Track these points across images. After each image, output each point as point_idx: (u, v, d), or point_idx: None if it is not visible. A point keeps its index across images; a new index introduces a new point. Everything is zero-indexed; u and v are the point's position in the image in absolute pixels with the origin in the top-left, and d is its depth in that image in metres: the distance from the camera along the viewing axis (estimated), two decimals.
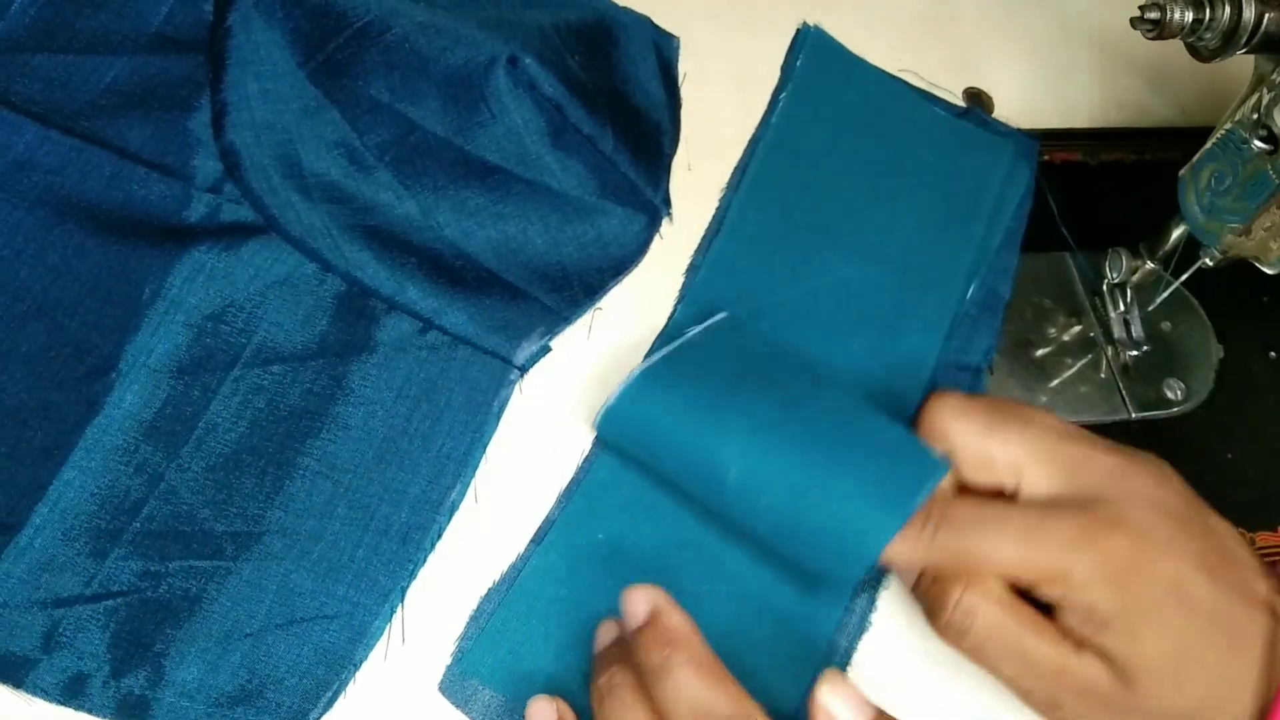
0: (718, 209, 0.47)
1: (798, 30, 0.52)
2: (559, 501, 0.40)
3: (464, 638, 0.37)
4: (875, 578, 0.40)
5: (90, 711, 0.35)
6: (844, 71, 0.51)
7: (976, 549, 0.34)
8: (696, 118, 0.49)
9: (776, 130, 0.49)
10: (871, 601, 0.40)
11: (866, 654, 0.39)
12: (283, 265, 0.41)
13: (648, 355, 0.42)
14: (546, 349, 0.42)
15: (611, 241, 0.44)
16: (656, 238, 0.45)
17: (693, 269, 0.45)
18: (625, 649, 0.34)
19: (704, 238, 0.46)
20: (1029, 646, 0.33)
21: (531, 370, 0.42)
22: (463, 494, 0.39)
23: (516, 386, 0.41)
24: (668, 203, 0.46)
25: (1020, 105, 0.52)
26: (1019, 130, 0.51)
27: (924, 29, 0.55)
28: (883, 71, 0.52)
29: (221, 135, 0.42)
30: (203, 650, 0.36)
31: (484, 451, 0.40)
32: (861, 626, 0.40)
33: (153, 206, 0.41)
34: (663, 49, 0.49)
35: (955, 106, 0.52)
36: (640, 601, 0.34)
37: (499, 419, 0.41)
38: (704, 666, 0.32)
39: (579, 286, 0.43)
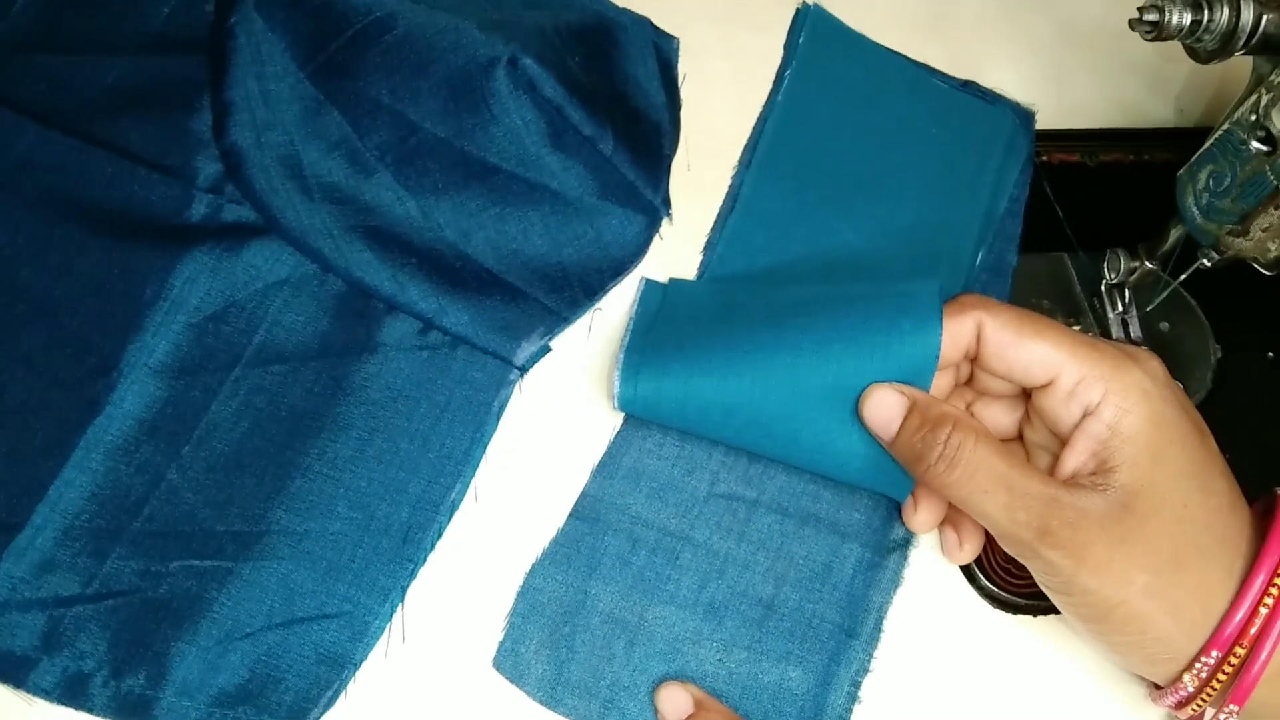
0: (730, 186, 0.47)
1: (798, 10, 0.52)
2: (594, 474, 0.41)
3: (513, 613, 0.38)
4: (906, 537, 0.41)
5: (91, 711, 0.35)
6: (845, 47, 0.52)
7: (1034, 351, 0.36)
8: (696, 119, 0.49)
9: (783, 107, 0.50)
10: (904, 558, 0.41)
11: (900, 609, 0.40)
12: (284, 266, 0.41)
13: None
14: (546, 349, 0.42)
15: (611, 242, 0.44)
16: (656, 238, 0.46)
17: (709, 246, 0.46)
18: None
19: (718, 215, 0.47)
20: (1018, 477, 0.34)
21: (532, 370, 0.42)
22: (463, 493, 0.39)
23: (516, 386, 0.41)
24: (667, 203, 0.46)
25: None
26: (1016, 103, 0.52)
27: (923, 29, 0.55)
28: (883, 47, 0.52)
29: (223, 136, 0.42)
30: (203, 650, 0.36)
31: (484, 451, 0.40)
32: (895, 581, 0.40)
33: (154, 207, 0.41)
34: (662, 50, 0.49)
35: (954, 79, 0.52)
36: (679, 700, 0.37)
37: (499, 419, 0.41)
38: None
39: (579, 287, 0.43)
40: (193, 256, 0.40)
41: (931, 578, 0.42)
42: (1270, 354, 0.50)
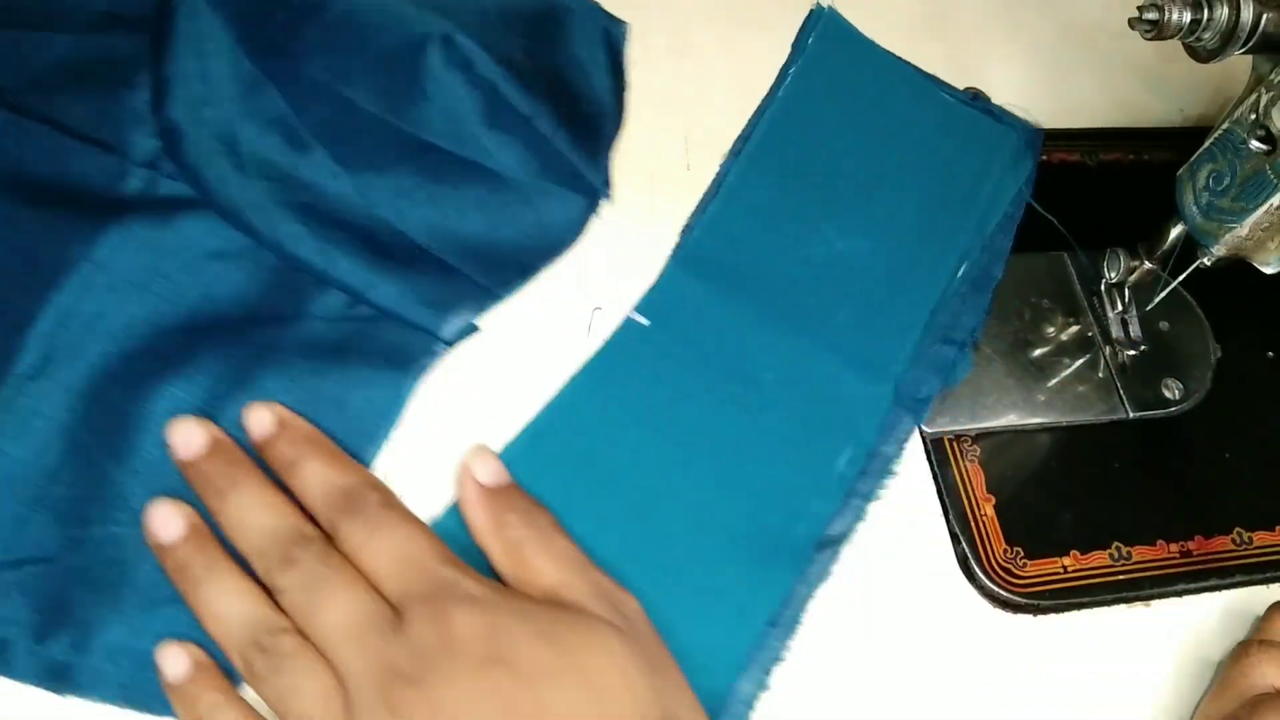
0: (717, 174, 0.47)
1: (811, 10, 0.52)
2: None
3: None
4: (842, 534, 0.41)
5: (12, 676, 0.34)
6: (855, 52, 0.52)
7: None
8: (696, 118, 0.49)
9: (782, 103, 0.50)
10: (834, 555, 0.40)
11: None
12: (216, 239, 0.40)
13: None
14: (474, 327, 0.42)
15: (550, 223, 0.44)
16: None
17: (687, 230, 0.46)
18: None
19: (700, 201, 0.47)
20: None
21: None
22: (375, 454, 0.39)
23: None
24: (608, 184, 0.46)
25: (1019, 105, 0.52)
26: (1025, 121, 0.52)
27: (924, 28, 0.55)
28: (893, 55, 0.52)
29: (161, 111, 0.42)
30: (125, 615, 0.35)
31: (400, 413, 0.40)
32: (822, 576, 0.40)
33: (89, 179, 0.40)
34: (612, 34, 0.49)
35: (963, 93, 0.52)
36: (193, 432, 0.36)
37: (417, 380, 0.40)
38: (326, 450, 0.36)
39: (513, 266, 0.43)
40: (123, 224, 0.39)
41: (932, 577, 0.42)
42: (1270, 354, 0.50)
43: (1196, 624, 0.43)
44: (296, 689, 0.31)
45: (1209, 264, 0.43)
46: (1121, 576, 0.43)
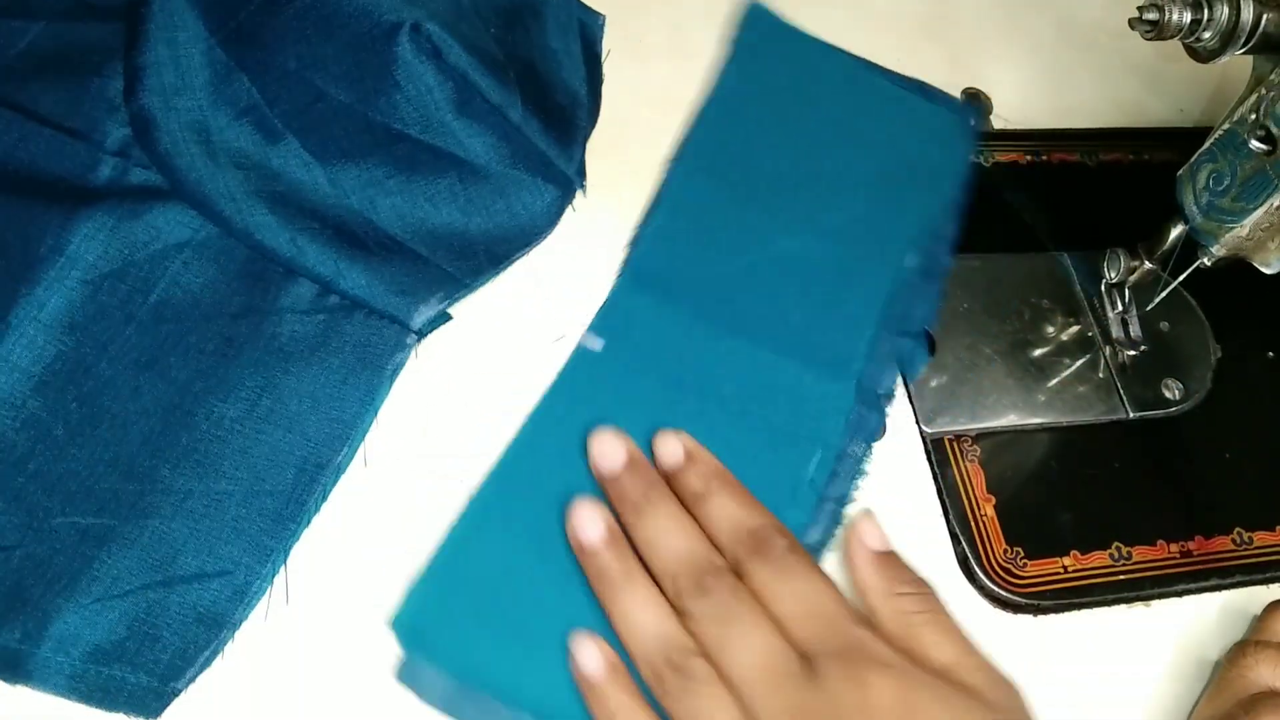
0: (660, 182, 0.46)
1: (745, 6, 0.51)
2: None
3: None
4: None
5: None
6: (783, 43, 0.51)
7: None
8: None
9: (713, 102, 0.48)
10: (841, 502, 0.40)
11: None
12: (186, 229, 0.40)
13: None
14: (446, 316, 0.42)
15: (521, 211, 0.44)
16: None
17: (634, 243, 0.45)
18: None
19: (646, 210, 0.46)
20: None
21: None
22: (351, 456, 0.39)
23: (413, 351, 0.41)
24: (582, 174, 0.46)
25: (1019, 105, 0.52)
26: (968, 103, 0.51)
27: (923, 29, 0.55)
28: (824, 43, 0.51)
29: (133, 100, 0.42)
30: (81, 606, 0.35)
31: (375, 415, 0.40)
32: (835, 520, 0.40)
33: (59, 168, 0.40)
34: (587, 26, 0.50)
35: (899, 76, 0.51)
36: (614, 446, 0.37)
37: (392, 382, 0.40)
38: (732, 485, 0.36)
39: (484, 255, 0.43)
40: (94, 215, 0.39)
41: (932, 577, 0.41)
42: (1270, 354, 0.50)
43: (1196, 624, 0.43)
44: (708, 715, 0.31)
45: (1209, 264, 0.43)
46: (1121, 576, 0.43)
